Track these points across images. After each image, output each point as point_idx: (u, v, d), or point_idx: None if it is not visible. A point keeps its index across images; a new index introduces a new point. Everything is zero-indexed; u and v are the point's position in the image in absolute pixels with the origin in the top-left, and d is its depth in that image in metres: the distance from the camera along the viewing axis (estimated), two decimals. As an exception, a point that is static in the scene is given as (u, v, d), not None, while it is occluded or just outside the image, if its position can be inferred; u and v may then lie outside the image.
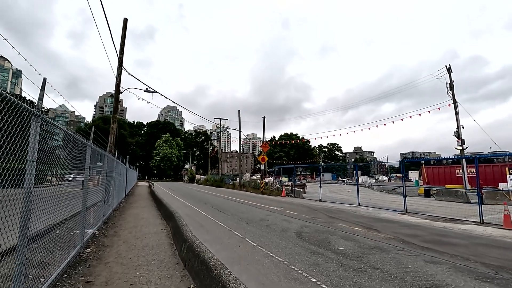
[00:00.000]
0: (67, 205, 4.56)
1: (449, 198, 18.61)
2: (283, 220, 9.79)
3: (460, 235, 7.87)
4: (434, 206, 15.73)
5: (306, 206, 15.33)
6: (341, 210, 13.43)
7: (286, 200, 19.04)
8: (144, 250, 6.05)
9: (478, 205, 10.89)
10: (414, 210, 13.40)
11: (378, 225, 9.29)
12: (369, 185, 48.97)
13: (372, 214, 12.46)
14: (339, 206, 15.76)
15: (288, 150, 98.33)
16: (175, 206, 12.88)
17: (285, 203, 16.87)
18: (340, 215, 11.72)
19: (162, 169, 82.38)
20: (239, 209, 13.02)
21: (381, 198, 23.40)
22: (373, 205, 15.84)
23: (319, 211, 12.95)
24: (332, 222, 9.54)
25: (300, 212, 12.30)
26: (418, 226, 9.31)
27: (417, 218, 11.55)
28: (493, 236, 7.89)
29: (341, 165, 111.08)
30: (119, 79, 14.96)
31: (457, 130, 29.06)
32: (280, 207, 13.96)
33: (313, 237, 7.06)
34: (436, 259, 5.27)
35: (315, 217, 10.67)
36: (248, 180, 37.75)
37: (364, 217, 11.20)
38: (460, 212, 12.87)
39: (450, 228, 9.09)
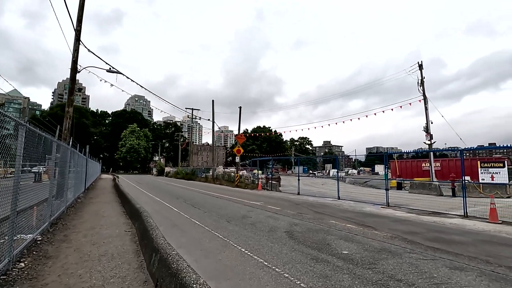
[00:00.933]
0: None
1: (422, 191, 18.91)
2: (268, 217, 8.78)
3: (457, 231, 7.41)
4: (412, 199, 15.69)
5: (287, 200, 14.51)
6: (324, 205, 12.77)
7: (263, 194, 18.14)
8: (102, 261, 4.69)
9: (463, 198, 10.71)
10: (395, 204, 13.11)
11: (369, 220, 8.64)
12: (340, 178, 50.05)
13: (356, 208, 11.93)
14: (320, 200, 15.17)
15: (261, 143, 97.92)
16: (142, 202, 11.36)
17: (263, 196, 15.94)
18: (325, 210, 11.00)
19: (128, 161, 77.86)
20: (216, 204, 11.81)
21: (357, 191, 23.40)
22: (353, 199, 15.45)
23: (302, 205, 12.17)
24: (321, 219, 8.72)
25: (282, 207, 11.40)
26: (409, 221, 8.81)
27: (402, 212, 11.18)
28: (488, 231, 7.54)
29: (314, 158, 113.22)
30: (76, 56, 12.85)
31: (426, 125, 30.00)
32: (260, 202, 12.98)
33: (308, 238, 6.12)
34: (457, 263, 4.56)
35: (301, 213, 9.80)
36: (222, 173, 36.44)
37: (350, 212, 10.58)
38: (439, 205, 12.76)
39: (441, 223, 8.69)
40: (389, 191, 23.07)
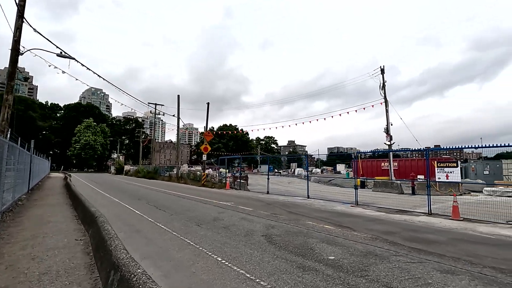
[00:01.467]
0: None
1: (385, 189, 19.71)
2: (242, 219, 8.20)
3: (429, 230, 7.51)
4: (377, 197, 16.18)
5: (257, 199, 14.05)
6: (296, 204, 12.53)
7: (232, 193, 17.50)
8: (42, 281, 3.75)
9: (428, 196, 11.13)
10: (363, 202, 13.33)
11: (345, 220, 8.49)
12: (304, 176, 51.11)
13: (328, 207, 11.86)
14: (290, 199, 14.96)
15: (227, 142, 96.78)
16: (99, 204, 10.10)
17: (233, 196, 15.31)
18: (298, 209, 10.71)
19: (83, 159, 71.87)
20: (184, 206, 10.93)
21: (323, 189, 23.73)
22: (322, 197, 15.48)
23: (274, 205, 11.78)
24: (297, 220, 8.36)
25: (254, 207, 10.89)
26: (382, 220, 8.83)
27: (371, 210, 11.32)
28: (455, 229, 7.75)
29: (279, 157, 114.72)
30: (18, 35, 11.07)
31: (386, 127, 31.65)
32: (230, 202, 12.33)
33: (289, 242, 5.66)
34: (445, 266, 4.39)
35: (275, 214, 9.37)
36: (187, 171, 35.00)
37: (324, 212, 10.41)
38: (403, 203, 13.21)
39: (410, 221, 8.83)
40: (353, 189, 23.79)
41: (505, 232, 7.46)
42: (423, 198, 16.30)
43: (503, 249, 5.65)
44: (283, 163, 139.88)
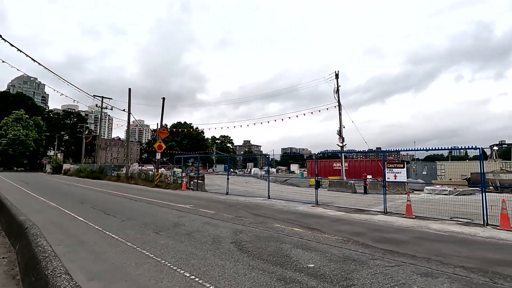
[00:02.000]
0: None
1: (340, 188, 20.53)
2: (206, 224, 7.53)
3: (391, 229, 7.73)
4: (333, 196, 16.64)
5: (218, 201, 13.39)
6: (259, 205, 12.19)
7: (190, 195, 16.53)
8: None
9: (383, 195, 11.68)
10: (322, 202, 13.52)
11: (311, 222, 8.36)
12: (261, 176, 51.45)
13: (290, 208, 11.75)
14: (251, 199, 14.60)
15: (181, 140, 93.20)
16: (31, 210, 8.51)
17: (191, 198, 14.40)
18: (262, 211, 10.36)
19: (11, 156, 62.62)
20: (137, 210, 9.80)
21: (281, 189, 23.80)
22: (282, 197, 15.43)
23: (237, 207, 11.27)
24: (264, 222, 7.97)
25: (216, 209, 10.25)
26: (345, 221, 8.91)
27: (332, 210, 11.49)
28: (413, 227, 8.11)
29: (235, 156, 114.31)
30: None
31: (339, 129, 33.29)
32: (189, 204, 11.47)
33: (261, 250, 5.21)
34: (422, 268, 4.36)
35: (240, 216, 8.87)
36: (138, 171, 32.55)
37: (287, 213, 10.23)
38: (358, 202, 13.69)
39: (371, 221, 9.06)
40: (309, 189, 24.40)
41: (453, 229, 8.02)
42: (375, 197, 17.31)
43: (461, 246, 5.95)
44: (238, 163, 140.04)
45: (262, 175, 53.29)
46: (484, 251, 5.66)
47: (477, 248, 5.86)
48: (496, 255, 5.38)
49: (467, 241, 6.51)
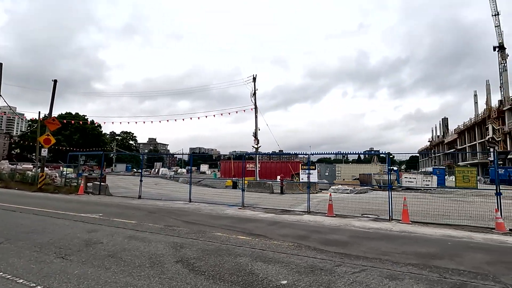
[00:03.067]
0: None
1: (258, 189, 20.91)
2: (131, 239, 6.03)
3: (326, 229, 8.02)
4: (255, 198, 16.66)
5: (133, 207, 11.41)
6: (184, 210, 10.96)
7: (92, 200, 13.65)
8: None
9: (307, 195, 12.29)
10: (247, 204, 13.30)
11: (250, 227, 7.89)
12: (171, 177, 48.26)
13: (219, 212, 11.01)
14: (171, 204, 13.13)
15: (71, 134, 78.49)
16: None
17: (96, 204, 11.84)
18: (191, 217, 9.27)
19: None
20: (23, 225, 7.18)
21: (198, 191, 22.62)
22: (203, 200, 14.52)
23: (160, 214, 9.78)
24: (202, 232, 7.01)
25: (137, 218, 8.57)
26: (281, 223, 8.82)
27: (260, 212, 11.36)
28: (341, 226, 8.66)
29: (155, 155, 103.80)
30: None
31: (255, 131, 34.30)
32: (97, 213, 9.26)
33: (218, 268, 4.37)
34: (382, 270, 4.44)
35: (170, 226, 7.60)
36: (9, 170, 25.38)
37: (220, 218, 9.48)
38: (281, 202, 14.11)
39: (303, 222, 9.28)
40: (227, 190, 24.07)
41: (371, 225, 8.96)
42: (292, 196, 18.30)
43: (390, 243, 6.54)
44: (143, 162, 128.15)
45: (171, 176, 50.03)
46: (409, 245, 6.37)
47: (402, 243, 6.55)
48: (420, 248, 6.10)
49: (391, 237, 7.27)
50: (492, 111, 56.79)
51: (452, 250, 5.95)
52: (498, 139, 54.76)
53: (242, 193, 13.37)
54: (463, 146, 75.74)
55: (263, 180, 24.75)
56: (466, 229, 8.69)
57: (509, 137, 52.59)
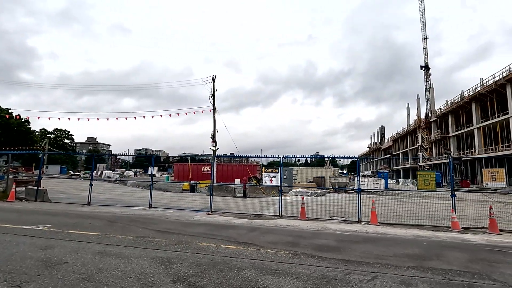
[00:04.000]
0: None
1: (220, 193, 20.17)
2: (103, 255, 5.03)
3: (308, 234, 7.90)
4: (219, 202, 16.03)
5: (86, 215, 9.85)
6: (148, 218, 9.86)
7: (29, 208, 11.50)
8: None
9: (280, 198, 12.14)
10: (215, 209, 12.66)
11: (232, 234, 7.35)
12: (116, 180, 44.23)
13: (189, 218, 10.20)
14: (129, 210, 11.79)
15: (-11, 130, 67.06)
16: None
17: (38, 213, 9.95)
18: (162, 226, 8.33)
19: None
20: None
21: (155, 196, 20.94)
22: (163, 205, 13.42)
23: (123, 222, 8.59)
24: (183, 242, 6.25)
25: (99, 229, 7.34)
26: (260, 229, 8.45)
27: (232, 217, 10.88)
28: (320, 229, 8.67)
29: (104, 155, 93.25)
30: None
31: (213, 133, 33.35)
32: (42, 224, 7.70)
33: (225, 285, 3.82)
34: (394, 276, 4.38)
35: (142, 237, 6.65)
36: None
37: (192, 225, 8.73)
38: (248, 206, 13.75)
39: (283, 226, 9.04)
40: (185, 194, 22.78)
41: (348, 228, 9.15)
42: (257, 200, 18.06)
43: (377, 245, 6.67)
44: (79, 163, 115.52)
45: (117, 179, 45.82)
46: (395, 247, 6.56)
47: (387, 245, 6.73)
48: (406, 250, 6.31)
49: (372, 239, 7.44)
50: (421, 122, 64.75)
51: (433, 250, 6.28)
52: (426, 147, 62.58)
53: (210, 198, 12.68)
54: (397, 152, 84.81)
55: (225, 184, 24.05)
56: (428, 229, 9.42)
57: (435, 145, 60.49)
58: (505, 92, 37.98)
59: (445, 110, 54.72)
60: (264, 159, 29.93)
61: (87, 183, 38.60)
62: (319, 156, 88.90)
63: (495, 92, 39.68)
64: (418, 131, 65.81)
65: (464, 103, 47.18)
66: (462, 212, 10.66)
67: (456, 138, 52.46)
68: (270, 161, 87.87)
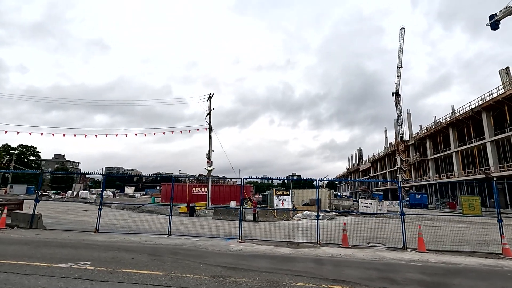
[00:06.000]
0: None
1: (227, 216, 18.94)
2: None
3: (378, 265, 7.26)
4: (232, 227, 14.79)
5: (114, 247, 8.43)
6: (185, 249, 8.69)
7: (33, 238, 9.75)
8: None
9: (317, 222, 11.40)
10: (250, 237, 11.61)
11: (305, 268, 6.52)
12: (95, 201, 40.74)
13: (226, 247, 9.17)
14: (152, 239, 10.47)
15: None
16: None
17: (54, 246, 8.38)
18: (216, 259, 7.25)
19: None
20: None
21: (149, 219, 19.21)
22: (181, 232, 12.22)
23: (168, 256, 7.39)
24: (276, 283, 5.33)
25: (153, 266, 6.16)
26: (321, 260, 7.69)
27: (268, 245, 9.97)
28: (384, 259, 8.08)
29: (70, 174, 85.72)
30: None
31: (208, 152, 32.13)
32: (80, 261, 6.35)
33: None
34: None
35: (219, 276, 5.61)
36: None
37: (249, 257, 7.76)
38: (271, 233, 12.80)
39: (339, 256, 8.35)
40: (193, 218, 21.16)
41: (406, 256, 8.63)
42: (272, 225, 17.08)
43: (474, 280, 6.19)
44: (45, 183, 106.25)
45: (96, 200, 42.27)
46: (487, 281, 6.12)
47: (478, 278, 6.27)
48: (498, 283, 5.87)
49: (454, 271, 6.96)
50: (400, 145, 67.77)
51: None
52: (405, 169, 65.16)
53: (240, 224, 11.68)
54: (375, 173, 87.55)
55: (232, 207, 22.75)
56: (479, 255, 9.14)
57: (414, 168, 63.17)
58: (480, 118, 40.92)
59: (423, 135, 57.82)
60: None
61: (65, 205, 35.26)
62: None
63: (471, 118, 42.64)
64: (397, 154, 68.64)
65: (442, 128, 50.17)
66: (490, 236, 10.56)
67: (435, 161, 55.22)
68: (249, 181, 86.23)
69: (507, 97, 35.21)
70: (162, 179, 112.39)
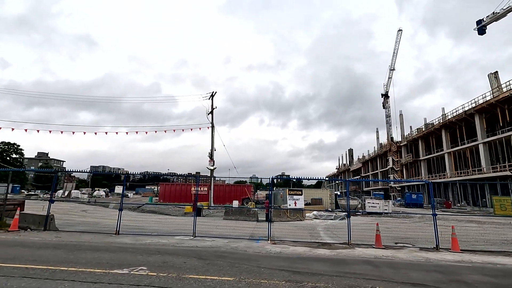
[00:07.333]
0: None
1: (239, 217, 18.54)
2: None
3: (430, 266, 7.16)
4: (247, 228, 14.57)
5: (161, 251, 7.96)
6: (222, 251, 8.34)
7: (55, 242, 9.12)
8: None
9: (348, 221, 11.26)
10: (277, 238, 11.34)
11: (366, 271, 6.32)
12: (90, 201, 39.34)
13: (262, 249, 8.89)
14: (183, 241, 10.09)
15: None
16: None
17: (84, 250, 7.81)
18: (265, 262, 6.94)
19: None
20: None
21: (157, 219, 18.59)
22: (204, 234, 11.87)
23: (217, 259, 7.01)
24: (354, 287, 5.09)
25: (215, 271, 5.79)
26: (373, 262, 7.52)
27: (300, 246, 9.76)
28: (428, 260, 8.01)
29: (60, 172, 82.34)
30: None
31: (210, 151, 31.60)
32: (131, 267, 5.90)
33: None
34: None
35: (295, 282, 5.32)
36: None
37: (289, 259, 7.49)
38: (293, 233, 12.67)
39: (384, 258, 8.21)
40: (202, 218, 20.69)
41: (448, 257, 8.61)
42: (289, 225, 16.81)
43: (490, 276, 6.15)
44: (29, 181, 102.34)
45: (90, 200, 40.80)
46: None
47: None
48: None
49: (503, 272, 6.94)
50: (392, 146, 69.06)
51: None
52: (397, 169, 66.45)
53: (269, 225, 11.42)
54: (366, 174, 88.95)
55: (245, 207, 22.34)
56: (510, 255, 9.23)
57: (405, 168, 64.50)
58: (473, 120, 42.15)
59: (416, 136, 59.09)
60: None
61: (60, 205, 33.90)
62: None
63: (464, 120, 43.87)
64: (389, 154, 69.92)
65: (434, 129, 51.40)
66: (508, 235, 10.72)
67: (427, 161, 56.55)
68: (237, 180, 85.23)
69: (500, 100, 36.39)
70: (153, 178, 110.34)
